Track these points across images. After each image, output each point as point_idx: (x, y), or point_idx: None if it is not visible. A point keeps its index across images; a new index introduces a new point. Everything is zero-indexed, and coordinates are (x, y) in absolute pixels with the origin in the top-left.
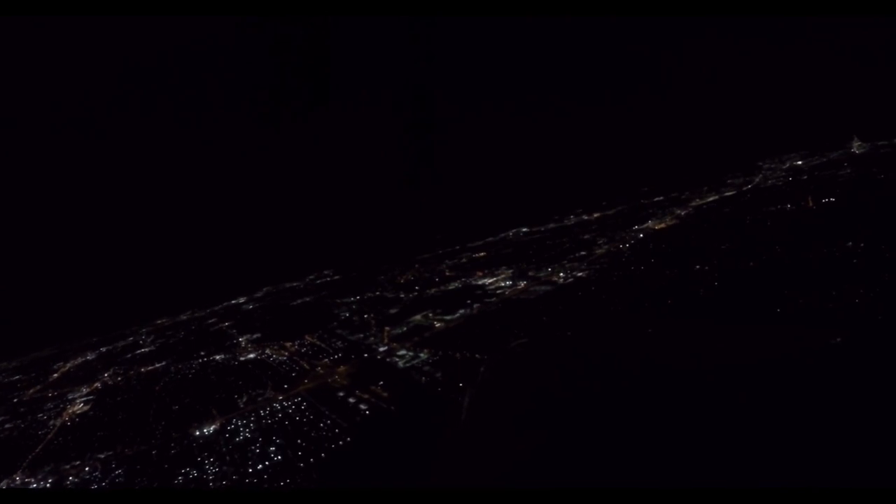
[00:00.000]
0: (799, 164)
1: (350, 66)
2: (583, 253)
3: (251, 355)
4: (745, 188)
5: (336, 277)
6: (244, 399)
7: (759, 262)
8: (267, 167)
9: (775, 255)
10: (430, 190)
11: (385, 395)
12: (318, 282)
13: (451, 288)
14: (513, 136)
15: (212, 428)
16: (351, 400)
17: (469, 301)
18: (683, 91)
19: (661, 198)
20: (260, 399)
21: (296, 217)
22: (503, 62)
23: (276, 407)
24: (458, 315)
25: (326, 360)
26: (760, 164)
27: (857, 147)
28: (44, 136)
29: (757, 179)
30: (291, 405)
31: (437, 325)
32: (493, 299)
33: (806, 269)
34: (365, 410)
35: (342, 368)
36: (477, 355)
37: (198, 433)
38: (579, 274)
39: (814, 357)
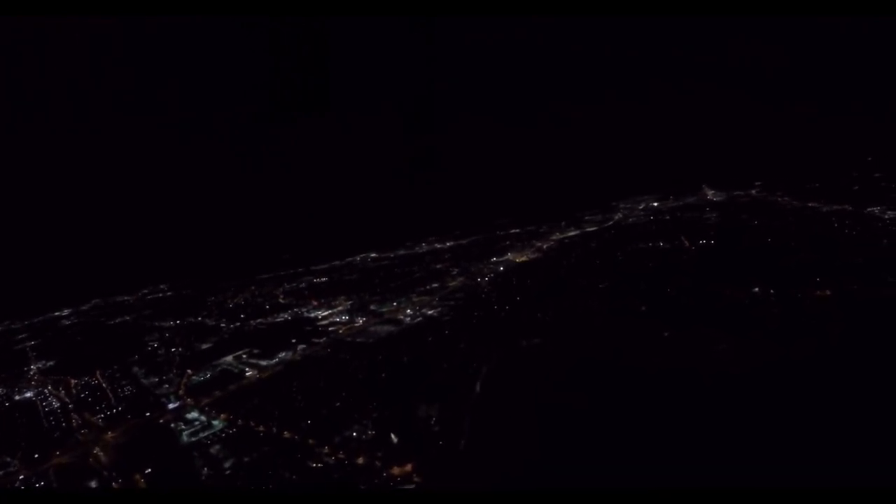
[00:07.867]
0: (656, 206)
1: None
2: (435, 285)
3: (29, 393)
4: (606, 225)
5: (168, 294)
6: None
7: (650, 304)
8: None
9: (668, 296)
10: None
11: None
12: (149, 297)
13: (279, 320)
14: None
15: None
16: None
17: (294, 340)
18: (535, 128)
19: (518, 230)
20: (1, 473)
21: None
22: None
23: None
24: (276, 360)
25: (100, 416)
26: (615, 203)
27: (711, 194)
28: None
29: (617, 217)
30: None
31: (249, 373)
32: (323, 339)
33: (704, 314)
34: None
35: (110, 436)
36: (286, 433)
37: None
38: (430, 312)
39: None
